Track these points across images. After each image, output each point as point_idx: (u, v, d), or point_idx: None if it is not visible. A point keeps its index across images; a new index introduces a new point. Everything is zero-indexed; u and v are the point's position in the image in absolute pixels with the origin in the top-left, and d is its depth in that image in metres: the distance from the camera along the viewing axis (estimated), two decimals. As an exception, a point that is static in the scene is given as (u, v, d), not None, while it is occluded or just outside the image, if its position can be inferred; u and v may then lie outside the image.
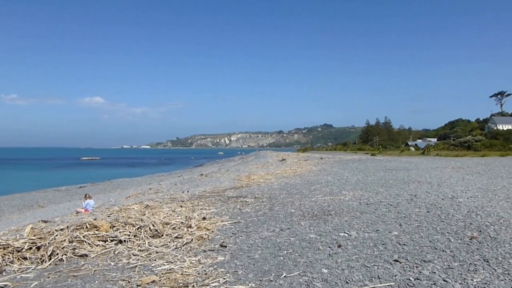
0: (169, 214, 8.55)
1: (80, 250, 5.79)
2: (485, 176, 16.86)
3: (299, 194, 11.84)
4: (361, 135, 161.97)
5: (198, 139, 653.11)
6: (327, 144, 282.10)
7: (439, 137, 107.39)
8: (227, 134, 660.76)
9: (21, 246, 5.62)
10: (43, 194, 31.22)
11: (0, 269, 5.13)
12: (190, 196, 13.15)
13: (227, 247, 5.90)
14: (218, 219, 8.10)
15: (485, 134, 76.80)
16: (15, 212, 21.47)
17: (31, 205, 24.38)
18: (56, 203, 24.27)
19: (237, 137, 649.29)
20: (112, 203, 15.85)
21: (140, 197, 16.03)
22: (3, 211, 22.50)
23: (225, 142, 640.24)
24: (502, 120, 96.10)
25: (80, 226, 6.78)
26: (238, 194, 12.56)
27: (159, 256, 5.54)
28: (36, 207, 23.43)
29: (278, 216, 8.31)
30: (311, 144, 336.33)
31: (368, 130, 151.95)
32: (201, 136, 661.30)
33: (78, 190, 33.39)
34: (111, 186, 35.56)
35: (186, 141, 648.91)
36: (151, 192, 19.04)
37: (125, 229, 6.78)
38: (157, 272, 4.84)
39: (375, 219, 7.66)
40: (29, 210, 21.95)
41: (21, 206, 24.10)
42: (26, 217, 17.79)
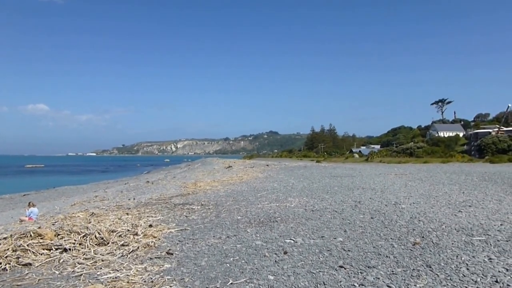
0: (115, 222, 8.50)
1: (24, 259, 5.71)
2: (427, 182, 17.72)
3: (245, 201, 12.07)
4: (306, 142, 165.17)
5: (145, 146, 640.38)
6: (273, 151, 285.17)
7: (382, 144, 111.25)
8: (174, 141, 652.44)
9: (-40, 256, 5.48)
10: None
11: None
12: (136, 203, 13.05)
13: (174, 254, 6.02)
14: (164, 227, 8.17)
15: (427, 141, 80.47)
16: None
17: (-30, 214, 23.06)
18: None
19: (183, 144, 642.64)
20: (57, 211, 15.39)
21: (86, 205, 15.68)
22: None
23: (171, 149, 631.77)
24: (443, 127, 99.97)
25: (24, 234, 6.65)
26: (184, 201, 12.62)
27: (104, 264, 5.57)
28: (-24, 216, 22.20)
29: (225, 223, 8.49)
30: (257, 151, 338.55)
31: (313, 137, 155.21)
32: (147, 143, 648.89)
33: (22, 198, 31.98)
34: (55, 194, 34.30)
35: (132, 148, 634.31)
36: (96, 199, 18.64)
37: (70, 237, 6.72)
38: (102, 280, 4.88)
39: (320, 225, 7.99)
40: (-32, 219, 20.78)
41: (-41, 215, 22.74)
42: (-36, 227, 16.88)
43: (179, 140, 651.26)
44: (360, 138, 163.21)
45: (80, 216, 9.91)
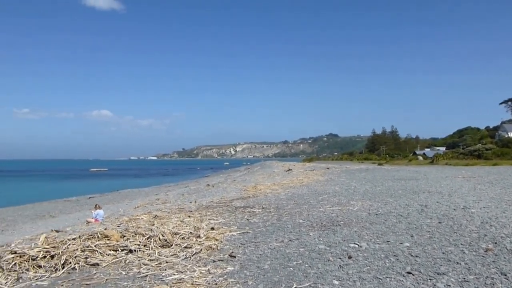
0: (177, 224, 8.62)
1: (92, 259, 5.88)
2: (498, 185, 16.71)
3: (306, 204, 11.87)
4: (367, 145, 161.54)
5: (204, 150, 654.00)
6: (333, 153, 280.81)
7: (447, 146, 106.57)
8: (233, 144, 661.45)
9: (36, 255, 5.74)
10: (54, 205, 31.49)
11: (17, 276, 5.24)
12: (197, 206, 13.22)
13: (236, 257, 5.96)
14: (226, 229, 8.16)
15: (496, 142, 75.97)
16: (28, 222, 21.72)
17: (42, 215, 24.62)
18: (67, 213, 24.50)
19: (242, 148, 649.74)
20: (121, 213, 15.97)
21: (149, 207, 16.14)
22: (16, 220, 22.76)
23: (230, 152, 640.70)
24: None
25: (91, 235, 6.88)
26: (245, 204, 12.62)
27: (169, 265, 5.61)
28: (48, 217, 23.67)
29: (287, 227, 8.35)
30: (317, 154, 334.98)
31: (374, 139, 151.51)
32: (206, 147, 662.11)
33: (87, 200, 33.65)
34: (119, 196, 35.75)
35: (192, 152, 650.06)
36: (159, 202, 19.14)
37: (135, 239, 6.86)
38: (167, 281, 4.90)
39: (385, 230, 7.67)
40: (41, 220, 22.18)
41: (33, 216, 24.36)
42: (39, 227, 17.99)
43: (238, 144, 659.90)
44: (424, 140, 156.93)
45: (143, 219, 10.17)
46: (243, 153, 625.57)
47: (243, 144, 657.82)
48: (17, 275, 5.29)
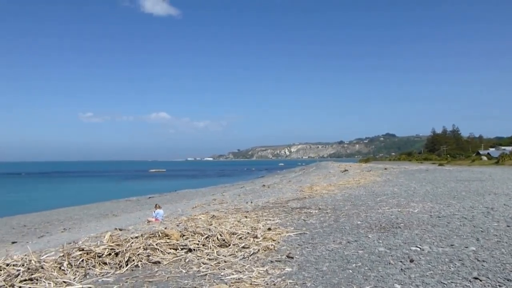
0: (235, 224, 8.71)
1: (153, 257, 6.06)
2: None
3: (364, 206, 11.61)
4: (426, 144, 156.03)
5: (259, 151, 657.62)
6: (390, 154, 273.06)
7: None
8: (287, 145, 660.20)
9: (101, 252, 6.00)
10: (116, 204, 32.97)
11: (85, 272, 5.50)
12: (254, 206, 13.30)
13: (294, 258, 5.92)
14: (283, 230, 8.14)
15: None
16: (93, 220, 22.92)
17: (106, 214, 25.89)
18: (128, 212, 25.55)
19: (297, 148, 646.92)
20: (180, 213, 16.38)
21: (206, 208, 16.43)
22: (82, 219, 24.09)
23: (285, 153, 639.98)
24: None
25: (152, 234, 7.10)
26: (301, 205, 12.54)
27: (227, 265, 5.67)
28: (111, 216, 24.85)
29: (344, 228, 8.20)
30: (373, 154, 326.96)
31: (434, 139, 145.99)
32: (261, 148, 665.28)
33: (147, 200, 34.91)
34: (177, 196, 36.77)
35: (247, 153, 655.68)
36: (215, 202, 19.45)
37: (194, 238, 7.00)
38: (226, 281, 4.95)
39: (448, 233, 7.34)
40: (105, 219, 23.31)
41: (97, 215, 25.68)
42: (102, 225, 18.88)
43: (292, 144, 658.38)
44: (488, 139, 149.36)
45: (201, 218, 10.37)
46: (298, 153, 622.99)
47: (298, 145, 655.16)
48: (84, 271, 5.55)
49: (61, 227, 21.64)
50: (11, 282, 4.83)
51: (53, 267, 5.54)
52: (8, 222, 25.02)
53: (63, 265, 5.63)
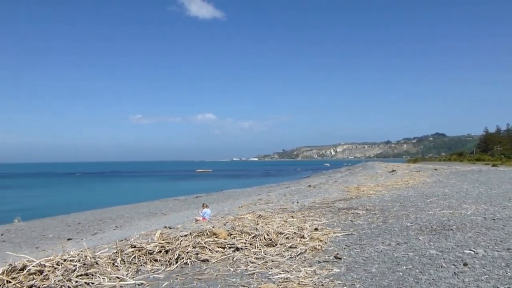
0: (281, 224, 8.71)
1: (202, 255, 6.18)
2: None
3: (414, 207, 11.30)
4: (479, 144, 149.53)
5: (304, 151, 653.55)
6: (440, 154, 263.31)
7: None
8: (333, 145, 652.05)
9: (152, 249, 6.18)
10: (165, 203, 33.85)
11: (137, 268, 5.69)
12: (300, 207, 13.25)
13: (342, 259, 5.86)
14: (330, 231, 8.07)
15: None
16: (143, 219, 23.68)
17: (155, 213, 26.66)
18: (176, 211, 26.19)
19: (343, 148, 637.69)
20: (226, 212, 16.58)
21: (252, 207, 16.53)
22: (132, 217, 24.93)
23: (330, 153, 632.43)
24: None
25: (201, 233, 7.23)
26: (348, 206, 12.37)
27: (274, 264, 5.69)
28: (160, 214, 25.57)
29: (393, 229, 8.02)
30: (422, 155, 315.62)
31: (487, 138, 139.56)
32: (306, 148, 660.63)
33: (194, 199, 35.59)
34: (223, 196, 37.22)
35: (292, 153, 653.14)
36: (261, 202, 19.53)
37: (241, 237, 7.08)
38: (274, 280, 4.97)
39: (504, 236, 7.00)
40: (154, 217, 24.02)
41: (147, 213, 26.49)
42: (152, 223, 19.46)
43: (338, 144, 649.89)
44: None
45: (248, 218, 10.44)
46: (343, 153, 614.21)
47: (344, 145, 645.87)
48: (136, 267, 5.74)
49: (113, 225, 22.46)
50: (68, 276, 5.06)
51: (107, 263, 5.76)
52: (63, 219, 26.23)
53: (117, 261, 5.85)
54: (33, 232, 21.35)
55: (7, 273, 5.00)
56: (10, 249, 16.43)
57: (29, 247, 16.99)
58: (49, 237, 19.78)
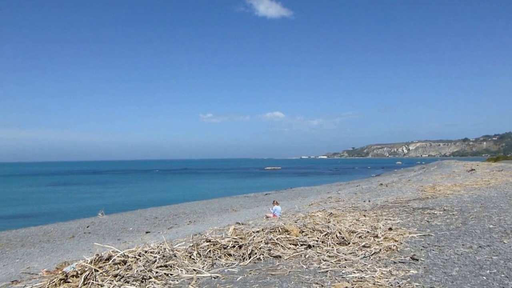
0: (353, 223, 8.58)
1: (274, 252, 6.25)
2: None
3: (496, 208, 10.61)
4: None
5: (375, 149, 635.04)
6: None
7: None
8: (405, 143, 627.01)
9: (226, 244, 6.36)
10: (235, 200, 34.56)
11: (212, 262, 5.88)
12: (372, 205, 12.95)
13: (419, 260, 5.66)
14: (405, 231, 7.81)
15: None
16: (215, 214, 24.38)
17: (226, 209, 27.31)
18: (247, 208, 26.65)
19: (416, 146, 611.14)
20: (296, 209, 16.60)
21: (322, 205, 16.41)
22: (205, 213, 25.74)
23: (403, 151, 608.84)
24: None
25: (273, 229, 7.32)
26: (424, 206, 11.88)
27: (348, 263, 5.62)
28: (231, 210, 26.15)
29: (474, 231, 7.59)
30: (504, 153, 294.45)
31: None
32: (377, 146, 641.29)
33: (264, 197, 36.00)
34: (292, 193, 37.30)
35: (362, 151, 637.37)
36: (332, 200, 19.33)
37: (313, 235, 7.07)
38: (348, 279, 4.91)
39: None
40: (225, 213, 24.61)
41: (218, 209, 27.22)
42: (224, 219, 19.98)
43: (411, 142, 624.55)
44: None
45: (319, 216, 10.38)
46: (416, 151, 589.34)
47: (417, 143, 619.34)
48: (212, 261, 5.93)
49: (187, 220, 23.30)
50: (149, 267, 5.35)
51: (184, 255, 6.01)
52: (142, 214, 27.63)
53: (193, 255, 6.08)
54: (115, 225, 22.71)
55: (95, 263, 5.38)
56: (95, 240, 17.63)
57: (112, 239, 18.09)
58: (129, 230, 20.94)
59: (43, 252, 16.57)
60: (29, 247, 17.81)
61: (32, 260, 14.88)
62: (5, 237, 20.22)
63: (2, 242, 18.86)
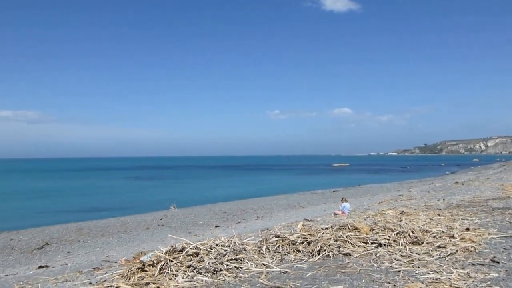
0: (427, 222, 8.24)
1: (344, 249, 6.18)
2: None
3: None
4: None
5: (449, 145, 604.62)
6: None
7: None
8: (483, 139, 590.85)
9: (295, 240, 6.38)
10: (303, 196, 34.49)
11: (281, 257, 5.93)
12: (447, 204, 12.39)
13: (500, 263, 5.33)
14: (484, 231, 7.38)
15: None
16: (282, 211, 24.52)
17: (293, 205, 27.36)
18: (314, 205, 26.52)
19: (495, 142, 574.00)
20: (365, 207, 16.26)
21: (393, 203, 15.96)
22: (272, 209, 25.96)
23: (480, 147, 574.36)
24: None
25: (342, 226, 7.22)
26: (504, 205, 11.16)
27: (422, 263, 5.41)
28: (298, 207, 26.16)
29: None
30: None
31: None
32: (452, 142, 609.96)
33: (331, 193, 35.61)
34: (361, 191, 36.56)
35: (435, 147, 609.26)
36: (403, 198, 18.73)
37: (384, 233, 6.88)
38: (422, 280, 4.73)
39: None
40: (292, 209, 24.67)
41: (286, 206, 27.34)
42: (291, 215, 20.02)
43: (489, 138, 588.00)
44: None
45: (390, 214, 10.11)
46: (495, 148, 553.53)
47: (496, 138, 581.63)
48: (281, 256, 5.99)
49: (254, 215, 23.62)
50: (220, 260, 5.50)
51: (253, 250, 6.12)
52: (211, 208, 28.37)
53: (262, 249, 6.17)
54: (186, 218, 23.53)
55: (169, 253, 5.63)
56: (168, 232, 18.38)
57: (183, 231, 18.77)
58: (200, 224, 21.61)
59: (120, 242, 17.57)
60: (108, 237, 18.95)
61: (111, 249, 15.82)
62: (87, 227, 21.63)
63: (84, 231, 20.19)
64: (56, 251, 16.24)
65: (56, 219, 25.92)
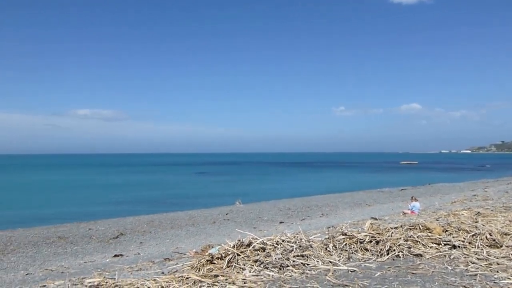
0: (506, 224, 7.75)
1: (415, 250, 5.95)
2: None
3: None
4: None
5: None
6: None
7: None
8: None
9: (363, 239, 6.23)
10: (369, 194, 33.75)
11: (348, 255, 5.83)
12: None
13: None
14: None
15: None
16: (347, 208, 24.15)
17: (359, 203, 26.84)
18: (381, 203, 25.87)
19: None
20: (437, 207, 15.58)
21: (467, 203, 15.17)
22: (337, 206, 25.65)
23: None
24: None
25: (412, 226, 6.97)
26: None
27: (501, 268, 5.09)
28: (364, 205, 25.63)
29: None
30: None
31: None
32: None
33: (399, 192, 34.55)
34: (431, 190, 35.11)
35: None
36: (477, 198, 17.74)
37: (458, 235, 6.55)
38: (502, 285, 4.45)
39: None
40: (358, 208, 24.20)
41: (351, 203, 26.89)
42: (357, 213, 19.66)
43: None
44: None
45: (464, 214, 9.61)
46: None
47: None
48: (348, 254, 5.88)
49: (319, 212, 23.43)
50: (286, 255, 5.50)
51: (320, 247, 6.05)
52: (276, 204, 28.51)
53: (329, 247, 6.09)
54: (251, 214, 23.84)
55: (237, 247, 5.72)
56: (233, 226, 18.74)
57: (248, 226, 19.02)
58: (264, 219, 21.80)
59: (188, 234, 18.15)
60: (177, 229, 19.65)
61: (179, 241, 16.40)
62: (158, 219, 22.55)
63: (155, 223, 21.08)
64: (129, 241, 17.11)
65: (130, 211, 27.35)
